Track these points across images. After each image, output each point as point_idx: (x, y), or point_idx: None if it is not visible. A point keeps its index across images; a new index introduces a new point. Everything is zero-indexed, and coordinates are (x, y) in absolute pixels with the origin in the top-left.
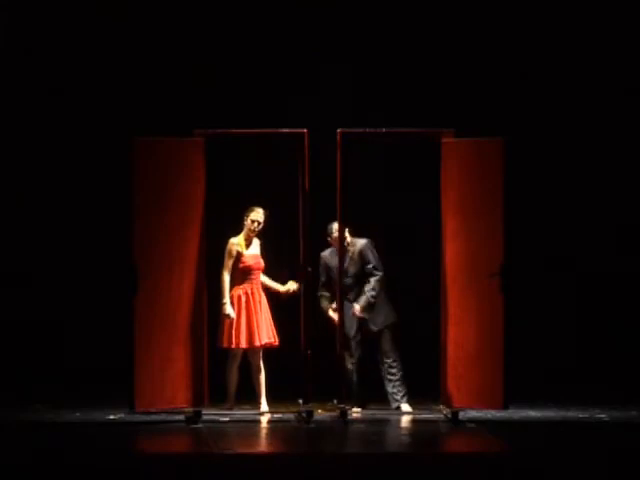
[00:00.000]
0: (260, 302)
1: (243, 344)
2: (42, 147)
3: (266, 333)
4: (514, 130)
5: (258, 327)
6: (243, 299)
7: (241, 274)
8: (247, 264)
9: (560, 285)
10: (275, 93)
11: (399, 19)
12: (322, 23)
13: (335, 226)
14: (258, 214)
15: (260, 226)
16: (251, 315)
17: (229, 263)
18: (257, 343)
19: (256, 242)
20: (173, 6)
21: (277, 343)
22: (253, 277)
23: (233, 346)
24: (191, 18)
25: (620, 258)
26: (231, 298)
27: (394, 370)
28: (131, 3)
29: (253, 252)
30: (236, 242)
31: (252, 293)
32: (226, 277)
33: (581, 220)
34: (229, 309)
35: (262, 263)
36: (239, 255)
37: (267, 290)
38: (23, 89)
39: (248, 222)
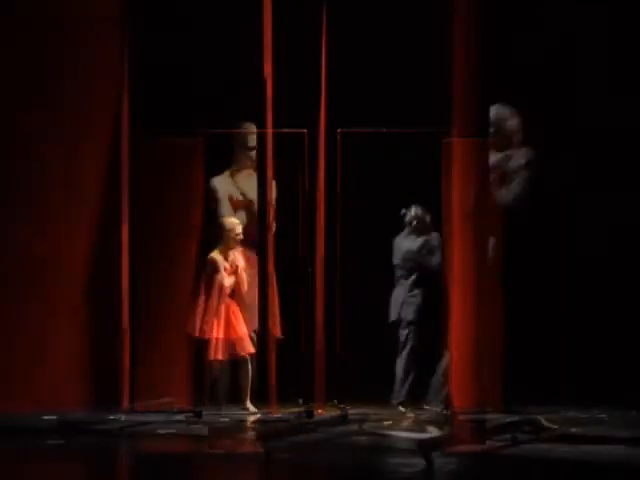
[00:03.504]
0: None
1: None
2: (42, 147)
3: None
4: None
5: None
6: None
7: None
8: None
9: (560, 284)
10: (276, 93)
11: (399, 19)
12: (322, 22)
13: (414, 210)
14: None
15: (239, 236)
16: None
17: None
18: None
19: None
20: (173, 5)
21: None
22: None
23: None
24: (191, 17)
25: (619, 258)
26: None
27: None
28: (131, 3)
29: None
30: (216, 257)
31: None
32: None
33: (580, 220)
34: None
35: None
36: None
37: None
38: (19, 89)
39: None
